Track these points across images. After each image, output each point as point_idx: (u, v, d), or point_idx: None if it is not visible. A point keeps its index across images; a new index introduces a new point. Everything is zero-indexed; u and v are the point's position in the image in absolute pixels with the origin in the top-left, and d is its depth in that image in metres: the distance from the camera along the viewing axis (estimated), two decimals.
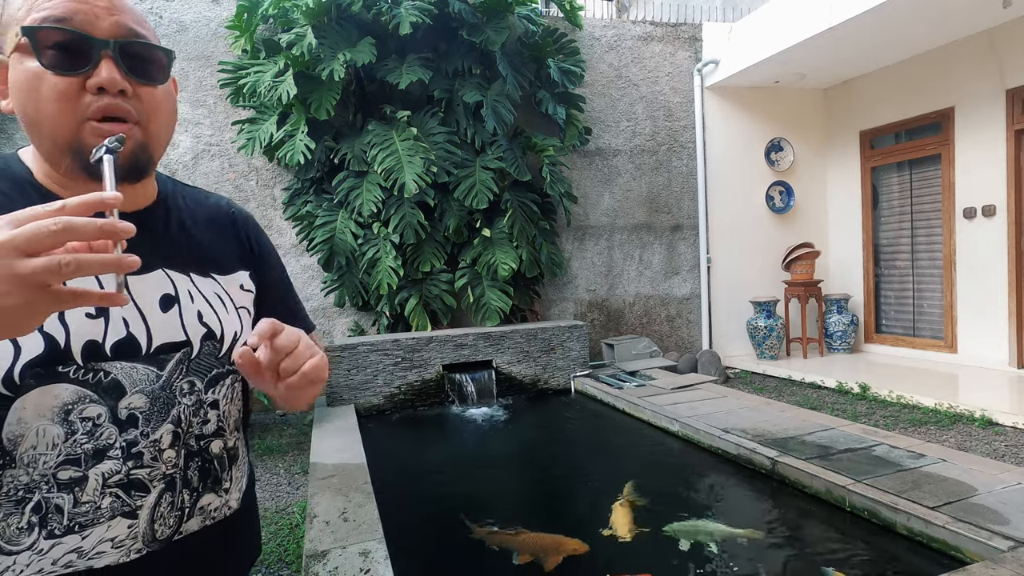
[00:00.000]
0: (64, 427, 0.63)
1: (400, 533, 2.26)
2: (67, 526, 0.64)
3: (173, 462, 0.71)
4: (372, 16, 4.50)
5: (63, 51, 0.62)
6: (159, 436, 0.69)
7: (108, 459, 0.66)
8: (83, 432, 0.64)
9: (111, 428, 0.66)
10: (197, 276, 0.77)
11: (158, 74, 0.70)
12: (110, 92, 0.64)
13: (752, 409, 3.64)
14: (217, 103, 4.76)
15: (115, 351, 0.67)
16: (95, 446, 0.65)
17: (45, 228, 0.45)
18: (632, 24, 5.80)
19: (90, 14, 0.63)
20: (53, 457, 0.63)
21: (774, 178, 6.10)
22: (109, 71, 0.64)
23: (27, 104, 0.64)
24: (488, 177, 4.70)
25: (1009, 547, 1.83)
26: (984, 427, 3.53)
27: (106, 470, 0.65)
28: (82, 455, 0.64)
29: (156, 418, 0.69)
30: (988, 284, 4.82)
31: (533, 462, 3.46)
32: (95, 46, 0.63)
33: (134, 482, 0.67)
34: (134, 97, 0.67)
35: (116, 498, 0.66)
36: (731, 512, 2.53)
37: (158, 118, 0.70)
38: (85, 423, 0.65)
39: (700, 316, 5.97)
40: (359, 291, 4.80)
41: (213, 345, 0.76)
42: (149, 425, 0.69)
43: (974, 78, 4.81)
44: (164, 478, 0.70)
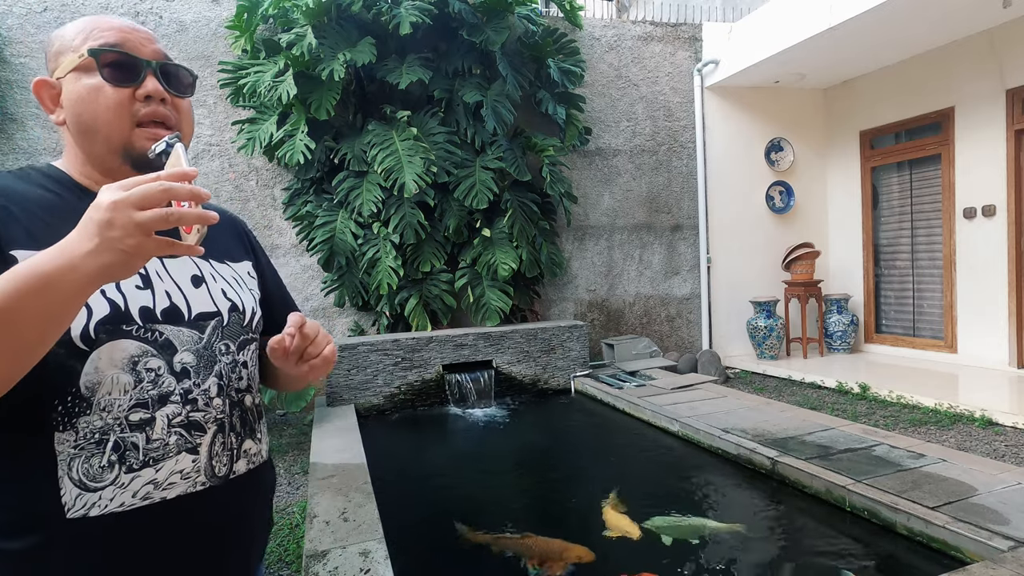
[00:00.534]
0: (133, 376, 0.76)
1: (400, 533, 2.26)
2: (143, 461, 0.75)
3: (221, 408, 0.84)
4: (372, 16, 4.50)
5: (119, 68, 0.79)
6: (208, 386, 0.83)
7: (170, 403, 0.78)
8: (148, 381, 0.77)
9: (170, 378, 0.79)
10: (215, 263, 0.92)
11: (187, 89, 0.88)
12: (155, 100, 0.81)
13: (752, 409, 3.64)
14: (217, 103, 4.76)
15: (164, 316, 0.80)
16: (159, 392, 0.78)
17: (153, 189, 0.59)
18: (632, 24, 5.80)
19: (136, 42, 0.82)
20: (126, 401, 0.75)
21: (774, 178, 6.10)
22: (154, 83, 0.81)
23: (85, 112, 0.79)
24: (488, 177, 4.70)
25: (1009, 547, 1.83)
26: (984, 427, 3.53)
27: (169, 412, 0.78)
28: (149, 400, 0.77)
29: (204, 372, 0.83)
30: (988, 284, 4.82)
31: (533, 462, 3.46)
32: (143, 65, 0.81)
33: (193, 423, 0.80)
34: (172, 106, 0.84)
35: (180, 436, 0.79)
36: (731, 512, 2.53)
37: (187, 125, 0.88)
38: (149, 373, 0.77)
39: (700, 316, 5.97)
40: (359, 291, 4.80)
41: (238, 316, 0.91)
42: (199, 377, 0.82)
43: (974, 78, 4.81)
44: (216, 421, 0.83)
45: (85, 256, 0.59)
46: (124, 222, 0.58)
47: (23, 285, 0.58)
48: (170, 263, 0.85)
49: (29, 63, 4.34)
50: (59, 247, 0.60)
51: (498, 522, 2.48)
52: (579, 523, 2.46)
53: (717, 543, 2.20)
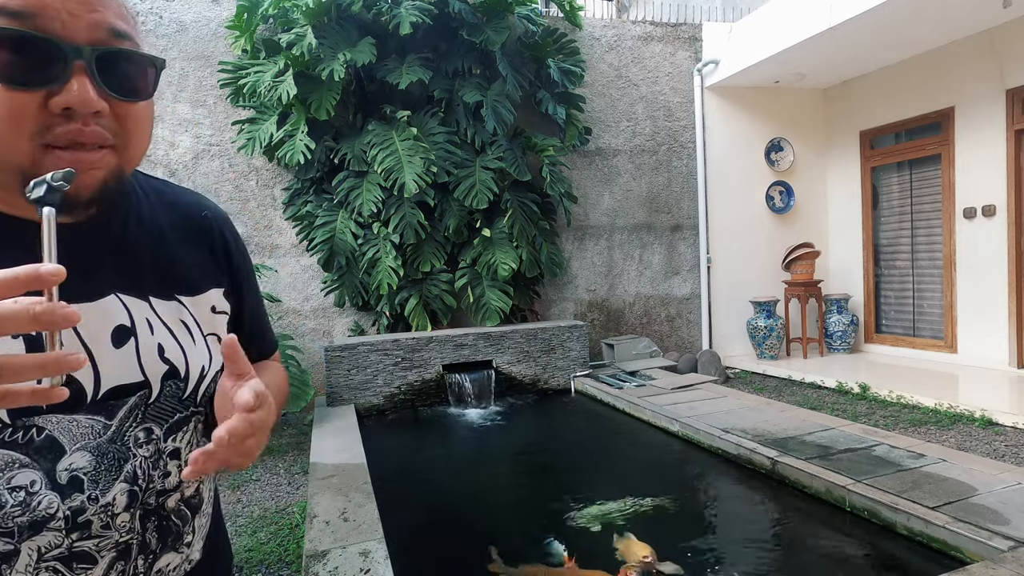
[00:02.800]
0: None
1: (400, 533, 2.26)
2: None
3: (128, 527, 0.60)
4: (372, 16, 4.50)
5: (21, 58, 0.48)
6: (111, 499, 0.58)
7: (48, 531, 0.54)
8: (14, 504, 0.53)
9: (50, 495, 0.54)
10: (158, 300, 0.64)
11: (143, 88, 0.56)
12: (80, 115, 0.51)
13: (752, 409, 3.64)
14: (217, 103, 4.76)
15: None
16: (31, 518, 0.53)
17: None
18: (632, 24, 5.80)
19: (62, 9, 0.49)
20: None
21: (774, 178, 6.09)
22: (81, 88, 0.50)
23: None
24: (488, 177, 4.70)
25: (1009, 547, 1.83)
26: (984, 427, 3.53)
27: (44, 543, 0.54)
28: (14, 528, 0.53)
29: (105, 478, 0.57)
30: (988, 284, 4.82)
31: (533, 463, 3.46)
32: (67, 55, 0.49)
33: (78, 554, 0.56)
34: (111, 116, 0.54)
35: (55, 573, 0.55)
36: (731, 512, 2.53)
37: (137, 139, 0.57)
38: (16, 493, 0.53)
39: (700, 316, 5.97)
40: (359, 291, 4.80)
41: (176, 385, 0.63)
42: (97, 487, 0.57)
43: (974, 78, 4.81)
44: (116, 546, 0.59)
45: None
46: None
47: None
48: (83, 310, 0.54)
49: None
50: None
51: (498, 522, 2.48)
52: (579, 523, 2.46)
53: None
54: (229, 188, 4.81)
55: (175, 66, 4.67)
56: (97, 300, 0.58)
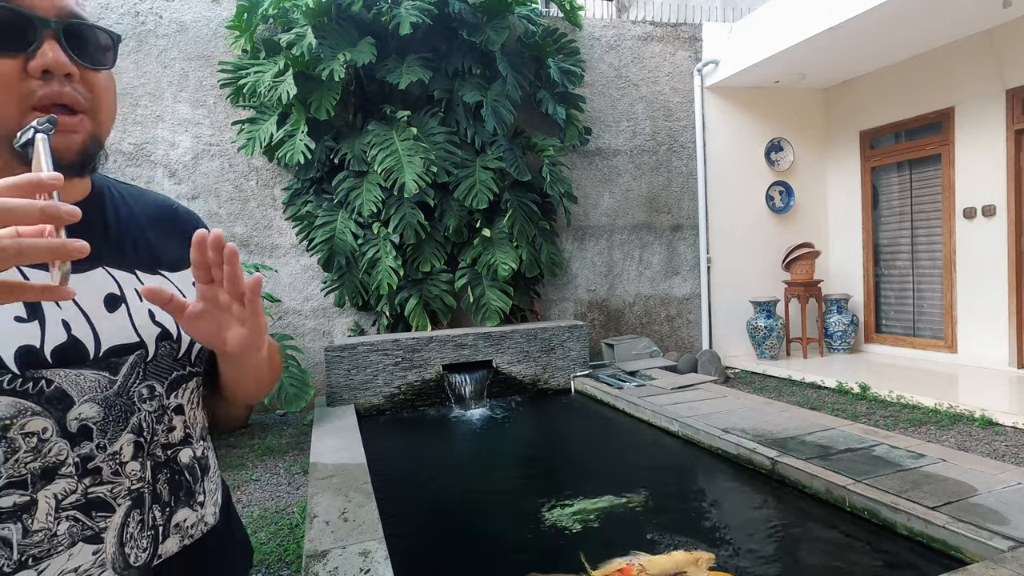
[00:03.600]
0: (2, 445, 0.55)
1: (400, 533, 2.26)
2: (18, 561, 0.55)
3: (139, 475, 0.64)
4: (372, 16, 4.50)
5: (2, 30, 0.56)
6: (119, 448, 0.62)
7: (60, 477, 0.58)
8: (27, 449, 0.56)
9: (60, 443, 0.58)
10: (144, 273, 0.70)
11: (105, 57, 0.64)
12: (56, 75, 0.58)
13: (752, 409, 3.64)
14: (217, 103, 4.76)
15: (57, 357, 0.59)
16: (43, 464, 0.57)
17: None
18: (632, 24, 5.80)
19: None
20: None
21: (774, 178, 6.09)
22: (55, 52, 0.58)
23: None
24: (488, 177, 4.70)
25: (1009, 547, 1.83)
26: (984, 427, 3.53)
27: (59, 491, 0.58)
28: (28, 476, 0.56)
29: (113, 428, 0.62)
30: (988, 284, 4.82)
31: (533, 462, 3.46)
32: (37, 25, 0.57)
33: (94, 501, 0.60)
34: (81, 83, 0.61)
35: (75, 521, 0.58)
36: (731, 512, 2.53)
37: (106, 106, 0.65)
38: (29, 439, 0.56)
39: (700, 316, 5.97)
40: (359, 291, 4.80)
41: (170, 346, 0.69)
42: (106, 436, 0.61)
43: (974, 78, 4.81)
44: (130, 494, 0.63)
45: None
46: None
47: None
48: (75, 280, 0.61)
49: None
50: None
51: (500, 521, 2.48)
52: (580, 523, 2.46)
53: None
54: (229, 188, 4.81)
55: (175, 66, 4.67)
56: (87, 272, 0.64)
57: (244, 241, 4.81)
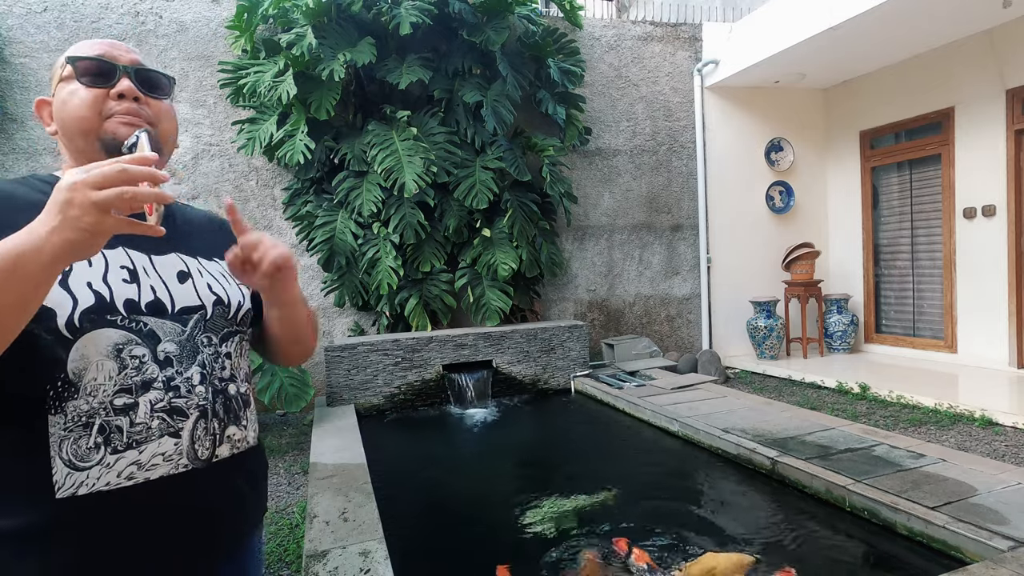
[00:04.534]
0: (117, 362, 0.80)
1: (400, 533, 2.26)
2: (127, 443, 0.79)
3: (203, 395, 0.87)
4: (372, 16, 4.50)
5: (95, 73, 0.87)
6: (190, 375, 0.86)
7: (153, 389, 0.82)
8: (132, 368, 0.80)
9: (153, 366, 0.82)
10: (204, 260, 0.97)
11: (162, 92, 0.93)
12: (127, 98, 0.87)
13: (752, 409, 3.64)
14: (217, 103, 4.76)
15: (148, 308, 0.85)
16: (142, 379, 0.81)
17: (111, 170, 0.64)
18: (632, 24, 5.80)
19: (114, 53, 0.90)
20: (111, 387, 0.79)
21: (774, 178, 6.09)
22: (127, 83, 0.88)
23: (63, 112, 0.87)
24: (488, 177, 4.70)
25: (1009, 547, 1.83)
26: (984, 427, 3.53)
27: (152, 398, 0.81)
28: (133, 386, 0.80)
29: (186, 361, 0.86)
30: (988, 284, 4.82)
31: (533, 463, 3.46)
32: (118, 69, 0.89)
33: (175, 408, 0.83)
34: (144, 104, 0.90)
35: (162, 420, 0.82)
36: (730, 512, 2.53)
37: (166, 123, 0.93)
38: (134, 360, 0.81)
39: (700, 316, 5.97)
40: (359, 291, 4.80)
41: (223, 309, 0.94)
42: (181, 366, 0.85)
43: (974, 78, 4.81)
44: (198, 408, 0.86)
45: (49, 234, 0.63)
46: (82, 201, 0.62)
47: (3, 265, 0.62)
48: (158, 261, 0.90)
49: (29, 63, 4.34)
50: (27, 229, 0.64)
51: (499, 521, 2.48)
52: (579, 523, 2.46)
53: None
54: (229, 188, 4.81)
55: (175, 66, 4.66)
56: (166, 255, 0.92)
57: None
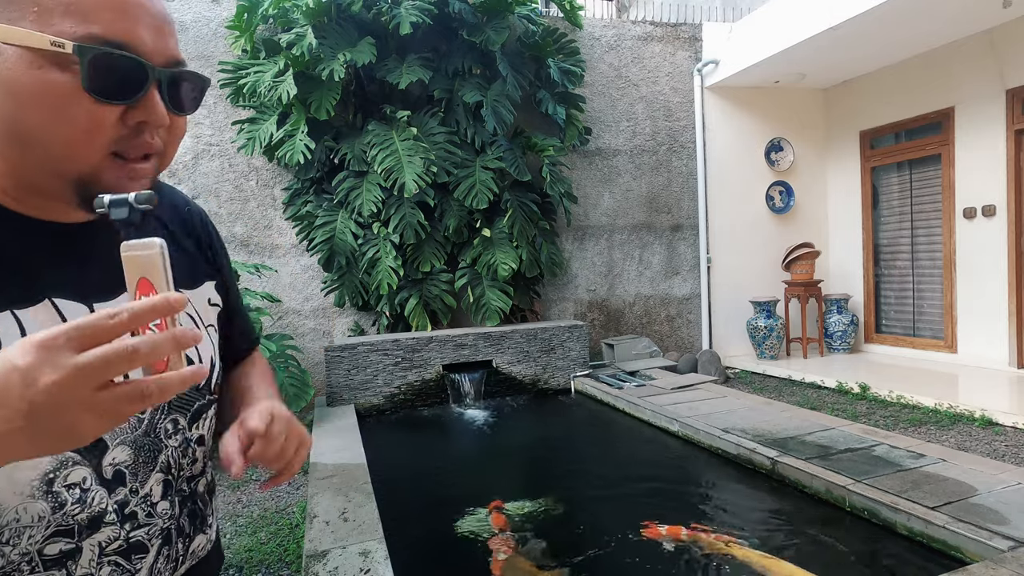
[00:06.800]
0: (49, 500, 0.54)
1: (400, 533, 2.26)
2: None
3: (169, 514, 0.64)
4: (372, 16, 4.50)
5: (112, 75, 0.52)
6: (149, 489, 0.62)
7: (105, 526, 0.58)
8: (73, 502, 0.55)
9: (100, 491, 0.57)
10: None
11: (195, 105, 0.62)
12: (151, 127, 0.56)
13: (752, 409, 3.64)
14: (217, 103, 4.76)
15: None
16: (89, 515, 0.56)
17: (120, 356, 0.39)
18: (632, 24, 5.80)
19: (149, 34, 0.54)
20: (40, 530, 0.54)
21: (774, 178, 6.09)
22: (156, 106, 0.55)
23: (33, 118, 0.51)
24: (488, 177, 4.70)
25: (1009, 547, 1.83)
26: (984, 427, 3.53)
27: (103, 539, 0.58)
28: (75, 526, 0.56)
29: (143, 470, 0.61)
30: (988, 284, 4.82)
31: (533, 462, 3.46)
32: (148, 74, 0.54)
33: (133, 545, 0.60)
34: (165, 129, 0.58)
35: (116, 566, 0.59)
36: (730, 512, 2.53)
37: (174, 148, 0.62)
38: (72, 490, 0.55)
39: (700, 316, 5.96)
40: (359, 291, 4.80)
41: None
42: (136, 479, 0.60)
43: (974, 78, 4.81)
44: (161, 533, 0.63)
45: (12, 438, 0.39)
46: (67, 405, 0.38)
47: None
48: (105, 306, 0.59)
49: None
50: None
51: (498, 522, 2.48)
52: (579, 521, 2.46)
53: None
54: (229, 188, 4.81)
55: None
56: (117, 297, 0.60)
57: (244, 241, 4.82)
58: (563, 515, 2.59)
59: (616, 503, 2.62)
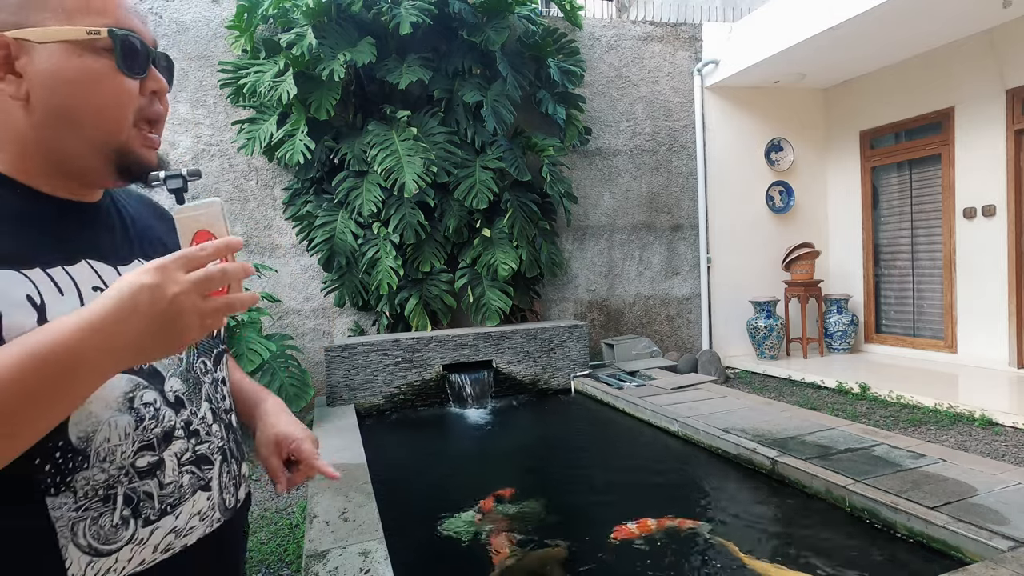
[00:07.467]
0: (132, 415, 0.65)
1: (400, 533, 2.26)
2: (160, 509, 0.67)
3: (220, 435, 0.76)
4: (372, 16, 4.50)
5: (133, 55, 0.67)
6: (204, 413, 0.74)
7: (176, 439, 0.69)
8: (149, 417, 0.67)
9: (168, 410, 0.69)
10: None
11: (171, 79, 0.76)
12: (159, 96, 0.72)
13: (752, 409, 3.64)
14: (217, 103, 4.76)
15: None
16: (163, 429, 0.68)
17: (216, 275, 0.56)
18: (632, 24, 5.80)
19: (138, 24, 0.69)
20: (129, 446, 0.64)
21: (774, 178, 6.09)
22: (159, 77, 0.71)
23: (81, 98, 0.63)
24: (488, 177, 4.70)
25: (1009, 547, 1.83)
26: (984, 427, 3.53)
27: (177, 450, 0.69)
28: (154, 439, 0.67)
29: (195, 398, 0.73)
30: (988, 284, 4.82)
31: (533, 462, 3.46)
32: (150, 55, 0.70)
33: (201, 457, 0.72)
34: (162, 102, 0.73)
35: (192, 474, 0.71)
36: (730, 512, 2.53)
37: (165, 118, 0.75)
38: (148, 408, 0.67)
39: (700, 316, 5.96)
40: (359, 291, 4.80)
41: None
42: (193, 404, 0.73)
43: (974, 78, 4.81)
44: (219, 451, 0.76)
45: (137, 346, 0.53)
46: (191, 309, 0.54)
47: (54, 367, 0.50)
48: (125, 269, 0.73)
49: None
50: (87, 324, 0.51)
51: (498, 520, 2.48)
52: (579, 522, 2.46)
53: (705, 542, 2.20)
54: (229, 188, 4.81)
55: (175, 66, 4.66)
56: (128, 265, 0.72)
57: (244, 241, 4.82)
58: (563, 515, 2.59)
59: (616, 503, 2.62)
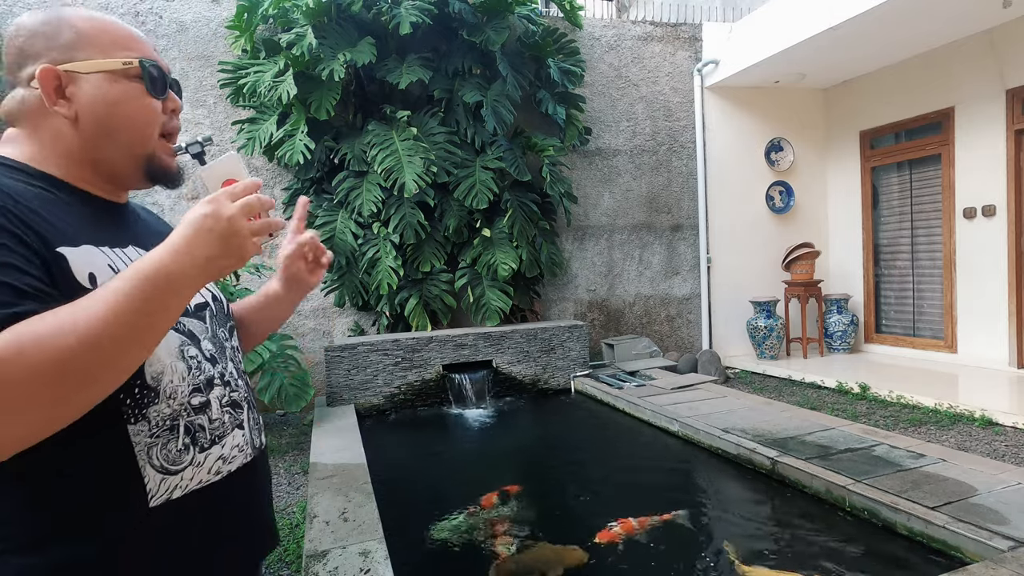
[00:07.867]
0: (184, 363, 0.81)
1: (400, 533, 2.26)
2: (211, 439, 0.83)
3: (245, 388, 0.93)
4: (372, 16, 4.50)
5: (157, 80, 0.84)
6: (231, 369, 0.90)
7: (215, 386, 0.85)
8: (195, 367, 0.83)
9: (207, 364, 0.85)
10: None
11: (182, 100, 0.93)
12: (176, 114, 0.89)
13: (752, 409, 3.64)
14: (217, 103, 4.76)
15: None
16: (206, 377, 0.84)
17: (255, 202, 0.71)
18: (632, 24, 5.80)
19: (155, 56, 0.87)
20: (186, 387, 0.80)
21: (774, 178, 6.09)
22: (176, 99, 0.88)
23: (120, 116, 0.81)
24: (488, 177, 4.70)
25: (1009, 547, 1.83)
26: (984, 427, 3.53)
27: (218, 394, 0.86)
28: (202, 383, 0.83)
29: (222, 358, 0.89)
30: (988, 284, 4.82)
31: (533, 462, 3.46)
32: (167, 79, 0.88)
33: (234, 402, 0.89)
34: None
35: (230, 414, 0.87)
36: (730, 512, 2.53)
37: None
38: (193, 360, 0.83)
39: (700, 316, 5.96)
40: (359, 291, 4.80)
41: (220, 304, 0.96)
42: (222, 363, 0.88)
43: (974, 78, 4.81)
44: (245, 400, 0.91)
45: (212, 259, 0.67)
46: (241, 231, 0.69)
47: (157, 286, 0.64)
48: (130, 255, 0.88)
49: None
50: (172, 251, 0.65)
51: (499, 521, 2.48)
52: (579, 522, 2.46)
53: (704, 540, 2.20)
54: None
55: (175, 66, 4.67)
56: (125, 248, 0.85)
57: None
58: (563, 515, 2.59)
59: (616, 503, 2.62)
